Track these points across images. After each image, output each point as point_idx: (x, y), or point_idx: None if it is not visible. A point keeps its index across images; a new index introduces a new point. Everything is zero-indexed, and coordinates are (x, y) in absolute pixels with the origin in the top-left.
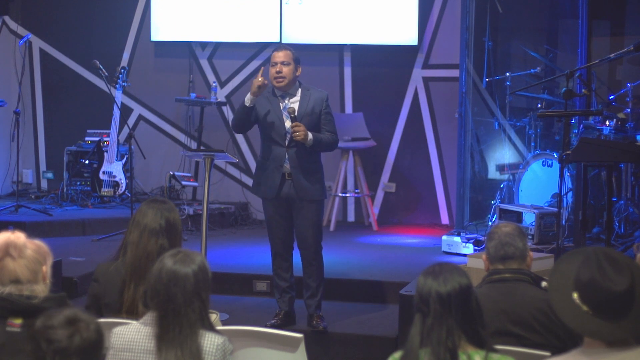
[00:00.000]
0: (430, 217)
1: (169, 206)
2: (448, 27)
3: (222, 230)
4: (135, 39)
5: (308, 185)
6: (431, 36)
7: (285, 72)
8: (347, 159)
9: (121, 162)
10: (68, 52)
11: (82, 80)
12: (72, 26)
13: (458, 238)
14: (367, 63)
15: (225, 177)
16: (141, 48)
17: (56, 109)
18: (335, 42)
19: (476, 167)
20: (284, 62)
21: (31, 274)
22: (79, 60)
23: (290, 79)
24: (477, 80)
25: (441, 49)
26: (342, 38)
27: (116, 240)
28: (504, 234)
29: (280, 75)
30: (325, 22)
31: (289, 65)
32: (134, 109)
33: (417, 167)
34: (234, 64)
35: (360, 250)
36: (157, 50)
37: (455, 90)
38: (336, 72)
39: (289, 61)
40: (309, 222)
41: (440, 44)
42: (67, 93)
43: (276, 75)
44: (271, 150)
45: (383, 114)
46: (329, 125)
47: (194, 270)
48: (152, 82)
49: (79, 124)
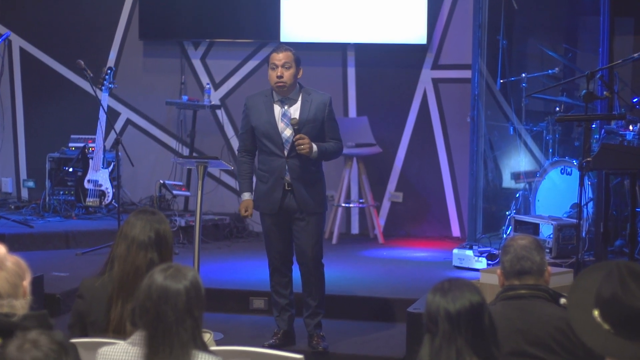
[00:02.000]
0: (440, 229)
1: (159, 217)
2: (459, 25)
3: (216, 243)
4: (123, 38)
5: (309, 197)
6: (441, 34)
7: (286, 76)
8: (350, 166)
9: (107, 170)
10: (50, 52)
11: (65, 81)
12: (55, 24)
13: (470, 252)
14: (372, 63)
15: (219, 186)
16: (129, 47)
17: (38, 113)
18: (338, 40)
19: (490, 176)
20: (285, 65)
21: (11, 288)
22: (62, 60)
23: (291, 83)
24: (491, 82)
25: (452, 48)
26: (345, 36)
27: (102, 254)
28: (520, 247)
29: (281, 81)
30: (327, 19)
31: (290, 68)
32: (122, 113)
33: (426, 175)
34: (229, 64)
35: (365, 264)
36: (146, 49)
37: (467, 92)
38: (339, 72)
39: (291, 64)
40: (308, 235)
41: (451, 43)
42: (49, 95)
43: (277, 80)
44: (270, 161)
45: (389, 118)
46: (333, 132)
47: (185, 286)
48: (141, 83)
49: (62, 128)
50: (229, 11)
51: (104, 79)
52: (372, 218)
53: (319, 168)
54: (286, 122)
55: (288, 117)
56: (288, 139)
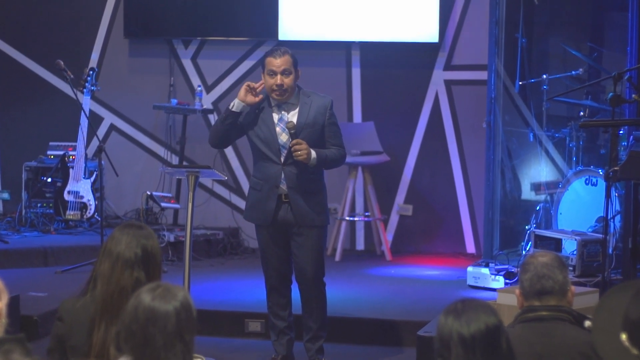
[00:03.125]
0: (453, 245)
1: (147, 232)
2: (474, 22)
3: (209, 261)
4: (106, 36)
5: (308, 209)
6: (454, 32)
7: (287, 83)
8: (355, 176)
9: (89, 181)
10: (27, 51)
11: (43, 83)
12: (32, 20)
13: (486, 269)
14: (379, 63)
15: (212, 198)
16: (113, 46)
17: (13, 118)
18: (341, 38)
19: (507, 186)
20: (285, 72)
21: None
22: (40, 60)
23: (292, 90)
24: (509, 84)
25: (466, 47)
26: (349, 34)
27: (84, 272)
28: (541, 265)
29: (283, 90)
30: (330, 16)
31: (290, 74)
32: (105, 118)
33: (437, 186)
34: (222, 64)
35: (371, 283)
36: (132, 48)
37: (483, 95)
38: (343, 74)
39: (290, 69)
40: (308, 251)
41: (466, 41)
42: (25, 99)
43: (276, 88)
44: (265, 168)
45: (398, 124)
46: (334, 137)
47: (175, 307)
48: (126, 85)
49: (40, 135)
50: (222, 7)
51: (86, 80)
52: (379, 233)
53: (319, 177)
54: (283, 127)
55: (285, 121)
56: (285, 145)
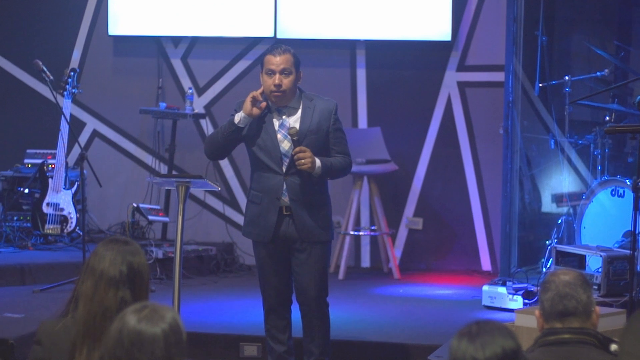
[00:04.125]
0: (467, 261)
1: (133, 248)
2: (490, 18)
3: (201, 279)
4: (89, 34)
5: (312, 223)
6: (469, 29)
7: (286, 84)
8: (360, 186)
9: (70, 192)
10: (1, 50)
11: (20, 85)
12: (7, 17)
13: (503, 289)
14: (386, 64)
15: (204, 211)
16: (96, 45)
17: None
18: (345, 37)
19: (526, 198)
20: (284, 71)
21: None
22: (16, 60)
23: (291, 91)
24: (528, 86)
25: (481, 45)
26: (354, 32)
27: (64, 291)
28: (563, 284)
29: (281, 90)
30: (333, 12)
31: (290, 74)
32: (87, 123)
33: (450, 198)
34: (215, 65)
35: (378, 304)
36: (117, 47)
37: (500, 98)
38: (347, 75)
39: (291, 69)
40: (311, 269)
41: (481, 40)
42: (0, 103)
43: (274, 89)
44: (265, 179)
45: (407, 129)
46: (340, 145)
47: (163, 330)
48: (111, 88)
49: (17, 142)
50: (215, 2)
51: (66, 82)
52: (386, 248)
53: (324, 188)
54: (284, 134)
55: (286, 127)
56: (287, 153)
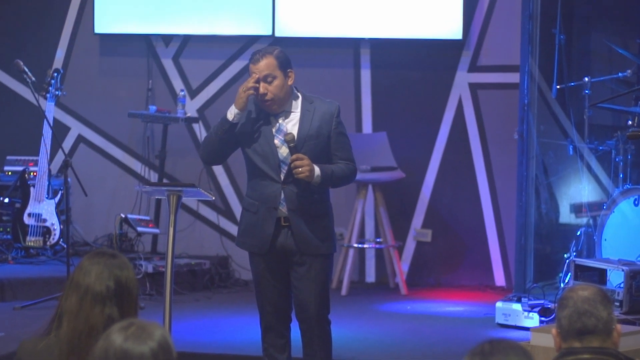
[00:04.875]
0: (479, 276)
1: (120, 261)
2: (504, 15)
3: (193, 295)
4: (73, 32)
5: (311, 234)
6: (481, 27)
7: (273, 91)
8: (364, 196)
9: (54, 201)
10: None
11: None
12: None
13: (518, 305)
14: (392, 64)
15: (197, 222)
16: (81, 44)
17: None
18: (349, 35)
19: (543, 208)
20: (267, 77)
21: None
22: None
23: (282, 97)
24: (545, 88)
25: (495, 44)
26: (358, 30)
27: (47, 308)
28: (582, 300)
29: (267, 99)
30: (336, 8)
31: (275, 79)
32: (72, 128)
33: (461, 208)
34: (209, 65)
35: (384, 321)
36: (104, 46)
37: (515, 101)
38: (350, 76)
39: (274, 73)
40: (311, 284)
41: (494, 38)
42: None
43: (262, 99)
44: (261, 187)
45: (415, 134)
46: (342, 150)
47: (152, 349)
48: (97, 90)
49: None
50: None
51: (49, 84)
52: (393, 262)
53: (325, 197)
54: (282, 139)
55: (284, 132)
56: (285, 160)
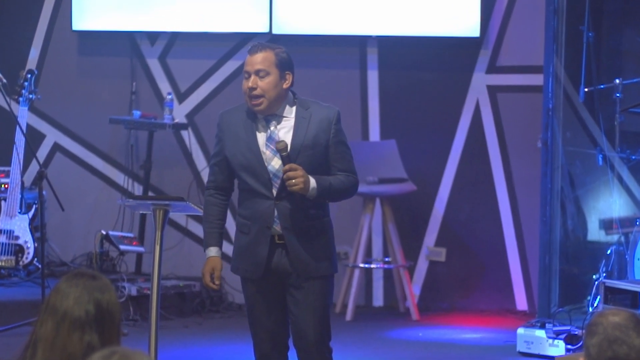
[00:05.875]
0: (499, 299)
1: (101, 283)
2: (527, 10)
3: (182, 320)
4: (49, 29)
5: (308, 254)
6: (501, 23)
7: (263, 87)
8: (371, 210)
9: (27, 217)
10: None
11: None
12: None
13: (542, 332)
14: (402, 64)
15: (186, 239)
16: (58, 42)
17: None
18: (354, 32)
19: (569, 224)
20: (260, 72)
21: None
22: None
23: (273, 97)
24: (571, 91)
25: (516, 42)
26: (364, 26)
27: (21, 334)
28: (612, 326)
29: (255, 94)
30: (340, 3)
31: (268, 75)
32: (47, 135)
33: (479, 224)
34: (199, 65)
35: (393, 350)
36: (83, 45)
37: (538, 105)
38: (355, 78)
39: (269, 69)
40: (309, 309)
41: (515, 36)
42: None
43: (250, 93)
44: (253, 204)
45: (427, 142)
46: (342, 161)
47: None
48: (75, 93)
49: None
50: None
51: (22, 86)
52: (403, 284)
53: (323, 212)
54: (273, 150)
55: (275, 140)
56: (277, 173)
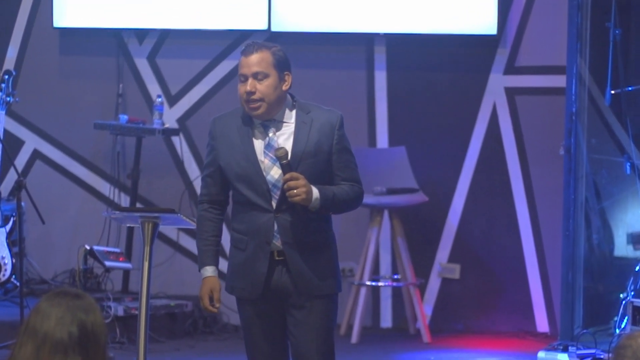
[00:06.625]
0: (517, 320)
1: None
2: (548, 6)
3: (173, 343)
4: (28, 25)
5: (311, 271)
6: (520, 20)
7: (262, 90)
8: (379, 223)
9: (4, 230)
10: None
11: None
12: None
13: (565, 356)
14: (413, 64)
15: (177, 255)
16: (38, 40)
17: None
18: (360, 30)
19: (594, 238)
20: (258, 75)
21: None
22: None
23: (273, 100)
24: (597, 94)
25: (536, 40)
26: (371, 23)
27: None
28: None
29: (253, 99)
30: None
31: (267, 78)
32: (26, 141)
33: (496, 238)
34: (191, 66)
35: None
36: (65, 43)
37: (560, 109)
38: (362, 79)
39: (267, 71)
40: (311, 330)
41: (535, 33)
42: None
43: (247, 98)
44: (250, 218)
45: (440, 149)
46: (346, 169)
47: None
48: (56, 96)
49: None
50: None
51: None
52: (413, 304)
53: (326, 226)
54: (272, 158)
55: (274, 148)
56: (276, 183)
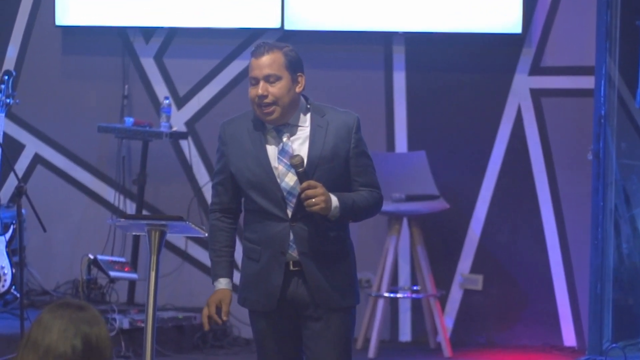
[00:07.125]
0: (543, 333)
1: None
2: (575, 4)
3: (180, 357)
4: (29, 24)
5: (328, 282)
6: (546, 18)
7: (275, 93)
8: (398, 232)
9: (4, 238)
10: None
11: None
12: None
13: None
14: (433, 65)
15: (185, 265)
16: (39, 38)
17: None
18: (378, 28)
19: (624, 248)
20: (270, 77)
21: None
22: None
23: (287, 103)
24: (627, 95)
25: (563, 40)
26: (390, 21)
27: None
28: None
29: (266, 103)
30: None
31: (279, 80)
32: (27, 145)
33: (520, 248)
34: (200, 66)
35: None
36: (67, 42)
37: (588, 112)
38: (380, 80)
39: (279, 72)
40: (329, 344)
41: (562, 32)
42: None
43: (259, 102)
44: (264, 227)
45: (462, 154)
46: (364, 174)
47: None
48: (59, 97)
49: None
50: None
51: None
52: (434, 316)
53: (344, 233)
54: (287, 164)
55: (289, 154)
56: (292, 191)
